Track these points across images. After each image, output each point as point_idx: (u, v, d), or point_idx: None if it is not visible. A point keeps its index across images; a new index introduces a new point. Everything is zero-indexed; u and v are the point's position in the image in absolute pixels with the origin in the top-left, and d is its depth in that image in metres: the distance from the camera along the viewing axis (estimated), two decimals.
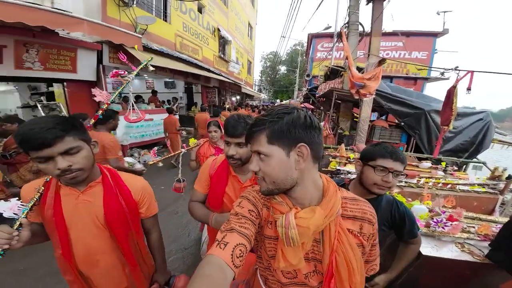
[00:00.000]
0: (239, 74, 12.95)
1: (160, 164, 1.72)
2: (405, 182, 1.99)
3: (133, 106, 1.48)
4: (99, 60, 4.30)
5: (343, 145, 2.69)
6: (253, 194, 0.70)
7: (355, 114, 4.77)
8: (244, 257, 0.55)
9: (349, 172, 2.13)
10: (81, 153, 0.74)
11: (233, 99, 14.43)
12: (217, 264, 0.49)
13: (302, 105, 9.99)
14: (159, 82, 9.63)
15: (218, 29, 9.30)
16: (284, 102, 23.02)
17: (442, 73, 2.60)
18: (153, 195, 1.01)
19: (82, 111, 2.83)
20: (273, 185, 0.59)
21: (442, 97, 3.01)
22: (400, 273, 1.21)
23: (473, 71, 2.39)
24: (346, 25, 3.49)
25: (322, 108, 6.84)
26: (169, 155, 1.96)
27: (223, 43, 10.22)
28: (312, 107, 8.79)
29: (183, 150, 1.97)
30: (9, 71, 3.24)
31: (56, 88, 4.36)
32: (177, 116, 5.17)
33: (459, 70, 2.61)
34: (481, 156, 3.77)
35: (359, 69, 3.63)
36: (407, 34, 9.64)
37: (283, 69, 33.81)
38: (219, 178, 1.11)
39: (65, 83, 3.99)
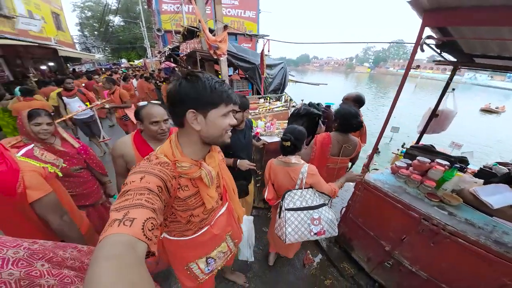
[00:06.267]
0: (42, 32, 8.66)
1: None
2: (252, 111, 3.46)
3: None
4: None
5: None
6: (158, 168, 0.68)
7: (218, 71, 5.72)
8: (156, 230, 0.52)
9: None
10: None
11: (43, 67, 9.72)
12: (123, 242, 0.43)
13: (165, 64, 9.21)
14: None
15: None
16: (136, 62, 18.58)
17: (262, 36, 4.15)
18: None
19: None
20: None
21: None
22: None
23: (269, 39, 4.05)
24: None
25: (184, 65, 7.10)
26: None
27: None
28: (174, 65, 8.53)
29: None
30: None
31: None
32: None
33: (265, 38, 4.22)
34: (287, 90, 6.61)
35: (211, 31, 4.34)
36: None
37: (117, 20, 25.27)
38: None
39: None
